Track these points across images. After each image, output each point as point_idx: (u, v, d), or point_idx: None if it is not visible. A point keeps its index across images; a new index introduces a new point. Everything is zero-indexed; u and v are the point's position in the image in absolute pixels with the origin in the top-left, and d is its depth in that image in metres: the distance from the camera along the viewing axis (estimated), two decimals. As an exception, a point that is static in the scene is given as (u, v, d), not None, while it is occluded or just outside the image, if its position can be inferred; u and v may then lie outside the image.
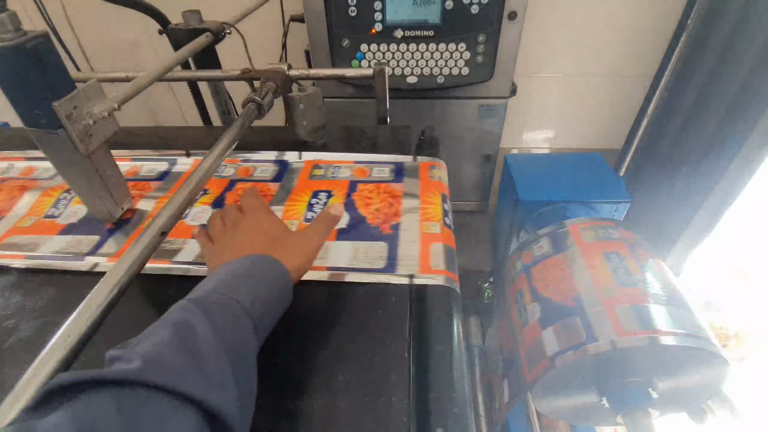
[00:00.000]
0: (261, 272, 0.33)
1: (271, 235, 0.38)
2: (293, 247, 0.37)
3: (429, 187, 0.57)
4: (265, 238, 0.38)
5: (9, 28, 0.37)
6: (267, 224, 0.39)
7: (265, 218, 0.40)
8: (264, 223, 0.39)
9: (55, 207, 0.56)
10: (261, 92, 0.59)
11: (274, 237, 0.38)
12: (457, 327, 0.40)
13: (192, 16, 0.69)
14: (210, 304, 0.28)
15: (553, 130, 1.41)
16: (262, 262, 0.34)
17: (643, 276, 0.62)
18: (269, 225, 0.39)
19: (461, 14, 0.84)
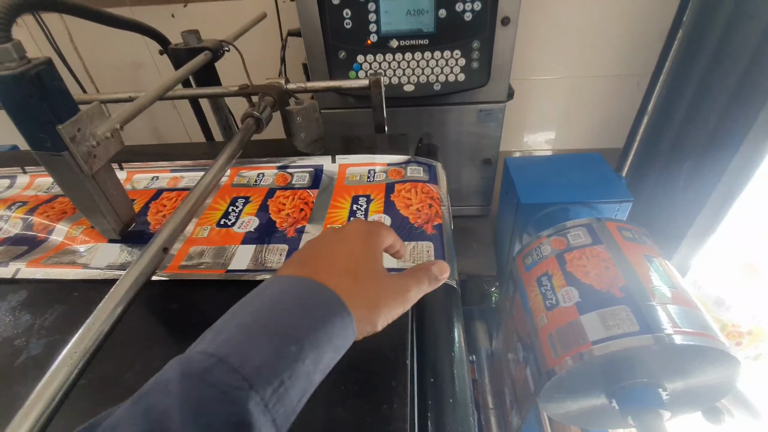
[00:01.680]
0: (307, 320, 0.23)
1: (363, 274, 0.27)
2: (376, 286, 0.27)
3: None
4: (356, 274, 0.27)
5: (13, 57, 0.38)
6: (367, 256, 0.29)
7: (365, 233, 0.30)
8: (357, 237, 0.30)
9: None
10: (259, 107, 0.60)
11: (354, 261, 0.28)
12: (458, 328, 0.40)
13: (190, 36, 0.71)
14: (206, 390, 0.19)
15: (554, 131, 1.41)
16: (313, 304, 0.24)
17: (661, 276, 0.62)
18: (369, 258, 0.29)
19: (455, 22, 0.85)
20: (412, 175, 0.61)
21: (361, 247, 0.29)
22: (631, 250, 0.66)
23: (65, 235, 0.55)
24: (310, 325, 0.23)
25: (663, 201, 1.06)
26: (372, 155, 0.65)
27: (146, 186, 0.64)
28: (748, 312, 1.08)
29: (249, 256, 0.49)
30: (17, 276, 0.48)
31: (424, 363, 0.37)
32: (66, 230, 0.55)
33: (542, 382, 0.62)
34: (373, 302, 0.27)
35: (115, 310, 0.32)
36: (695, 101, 0.98)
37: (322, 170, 0.64)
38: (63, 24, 1.10)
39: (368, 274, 0.27)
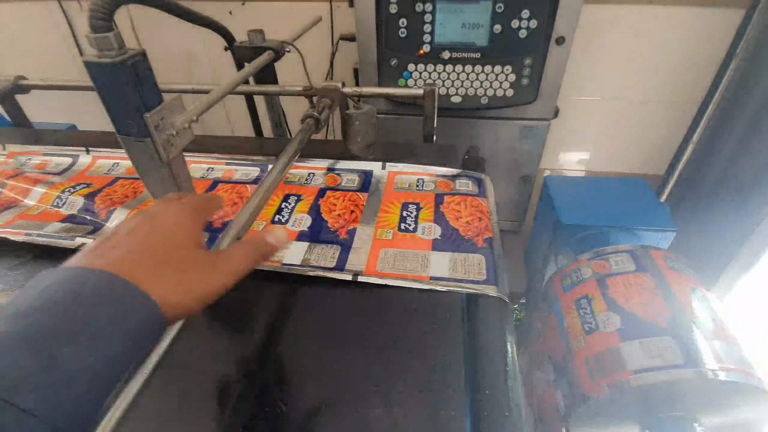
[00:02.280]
0: (85, 319, 0.20)
1: (159, 242, 0.25)
2: (186, 269, 0.25)
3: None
4: (145, 244, 0.25)
5: (114, 46, 0.41)
6: (169, 221, 0.27)
7: (175, 212, 0.27)
8: (167, 217, 0.27)
9: (59, 198, 0.61)
10: (318, 108, 0.62)
11: (163, 244, 0.25)
12: (510, 342, 0.41)
13: (256, 36, 0.73)
14: None
15: (591, 153, 1.39)
16: (96, 293, 0.21)
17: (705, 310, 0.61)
18: (171, 223, 0.26)
19: (509, 38, 0.85)
20: (461, 188, 0.62)
21: (171, 224, 0.26)
22: (676, 280, 0.65)
23: (127, 216, 0.57)
24: (89, 322, 0.20)
25: (704, 232, 1.04)
26: (421, 165, 0.66)
27: (203, 176, 0.67)
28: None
29: (302, 253, 0.50)
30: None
31: (478, 375, 0.37)
32: (127, 213, 0.58)
33: (575, 405, 0.62)
34: (184, 285, 0.24)
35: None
36: (747, 135, 0.96)
37: (372, 175, 0.66)
38: (127, 14, 1.16)
39: (178, 253, 0.25)
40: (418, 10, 0.85)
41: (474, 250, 0.50)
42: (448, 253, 0.50)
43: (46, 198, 0.61)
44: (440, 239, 0.52)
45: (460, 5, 0.84)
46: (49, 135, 0.84)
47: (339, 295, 0.45)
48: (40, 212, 0.59)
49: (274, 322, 0.43)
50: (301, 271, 0.48)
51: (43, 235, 0.52)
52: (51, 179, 0.65)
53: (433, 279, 0.46)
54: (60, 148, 0.74)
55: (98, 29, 0.40)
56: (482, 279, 0.46)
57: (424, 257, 0.49)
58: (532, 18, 0.83)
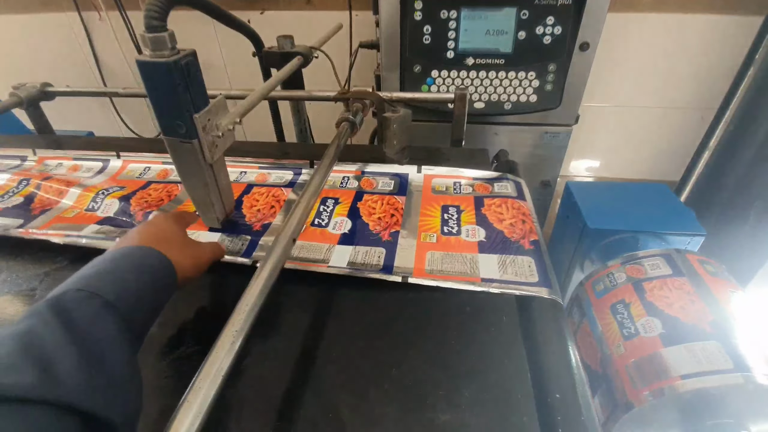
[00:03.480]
0: (132, 263, 0.34)
1: (161, 232, 0.39)
2: (183, 247, 0.39)
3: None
4: (154, 231, 0.39)
5: (168, 46, 0.40)
6: (165, 224, 0.41)
7: (167, 220, 0.42)
8: (163, 222, 0.41)
9: (94, 201, 0.60)
10: (353, 112, 0.62)
11: (165, 234, 0.39)
12: (571, 345, 0.40)
13: (285, 41, 0.74)
14: (65, 303, 0.27)
15: (608, 158, 1.40)
16: (135, 252, 0.35)
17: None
18: (167, 225, 0.41)
19: (533, 44, 0.86)
20: (500, 191, 0.61)
21: (171, 231, 0.40)
22: (717, 285, 0.64)
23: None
24: (139, 267, 0.34)
25: (728, 238, 1.04)
26: (456, 168, 0.66)
27: (236, 179, 0.66)
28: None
29: (347, 255, 0.50)
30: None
31: (544, 379, 0.36)
32: None
33: (617, 414, 0.60)
34: (184, 255, 0.38)
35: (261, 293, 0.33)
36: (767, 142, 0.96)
37: (407, 178, 0.65)
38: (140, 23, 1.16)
39: (177, 239, 0.40)
40: (443, 17, 0.86)
41: (522, 252, 0.49)
42: (495, 255, 0.49)
43: (82, 200, 0.60)
44: (486, 241, 0.51)
45: (484, 12, 0.85)
46: (73, 141, 0.84)
47: (389, 298, 0.44)
48: (76, 214, 0.58)
49: (326, 326, 0.42)
50: (350, 273, 0.47)
51: (83, 236, 0.51)
52: (85, 182, 0.65)
53: (484, 281, 0.45)
54: (90, 153, 0.73)
55: (153, 29, 0.40)
56: (534, 281, 0.46)
57: (471, 259, 0.49)
58: (557, 24, 0.84)
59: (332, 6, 1.10)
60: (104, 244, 0.50)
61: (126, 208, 0.58)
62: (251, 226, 0.55)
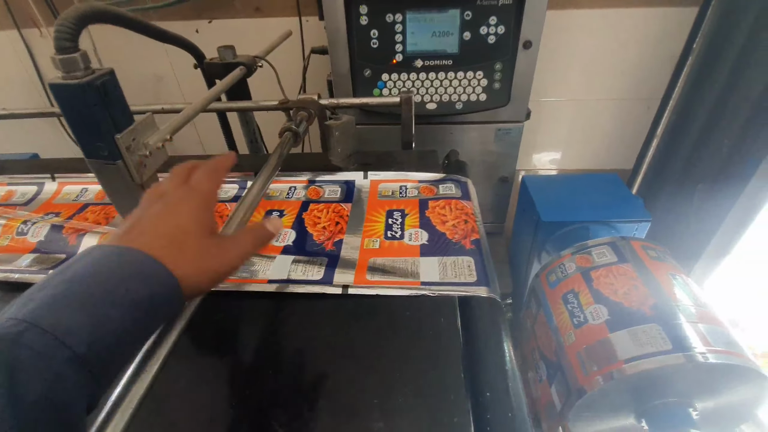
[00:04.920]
0: (126, 287, 0.24)
1: (177, 230, 0.28)
2: (202, 254, 0.28)
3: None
4: (167, 231, 0.28)
5: (80, 67, 0.39)
6: (184, 214, 0.29)
7: (189, 205, 0.30)
8: (183, 209, 0.30)
9: (24, 224, 0.58)
10: (296, 121, 0.62)
11: (181, 233, 0.28)
12: (506, 342, 0.41)
13: (227, 52, 0.73)
14: (19, 350, 0.19)
15: (564, 151, 1.44)
16: (133, 267, 0.25)
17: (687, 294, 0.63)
18: (186, 216, 0.29)
19: (478, 44, 0.87)
20: (445, 192, 0.62)
21: (186, 216, 0.29)
22: (658, 268, 0.67)
23: (98, 241, 0.55)
24: (128, 290, 0.24)
25: (675, 222, 1.08)
26: (403, 172, 0.66)
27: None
28: (764, 334, 1.09)
29: (287, 268, 0.49)
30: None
31: (477, 378, 0.37)
32: (98, 237, 0.55)
33: (572, 400, 0.62)
34: (200, 267, 0.28)
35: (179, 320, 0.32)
36: (708, 126, 1.01)
37: (354, 185, 0.65)
38: (89, 37, 1.12)
39: (194, 241, 0.28)
40: (389, 20, 0.86)
41: (462, 253, 0.50)
42: (436, 258, 0.50)
43: (9, 228, 0.58)
44: (428, 244, 0.52)
45: (429, 14, 0.86)
46: (12, 164, 0.80)
47: (330, 309, 0.44)
48: (7, 244, 0.56)
49: (264, 342, 0.41)
50: (291, 289, 0.46)
51: (15, 271, 0.49)
52: (17, 212, 0.62)
53: (423, 284, 0.46)
54: (25, 176, 0.70)
55: (64, 50, 0.39)
56: (473, 281, 0.46)
57: (413, 263, 0.49)
58: (500, 24, 0.86)
59: (282, 13, 1.09)
60: (37, 279, 0.48)
61: (57, 233, 0.56)
62: None
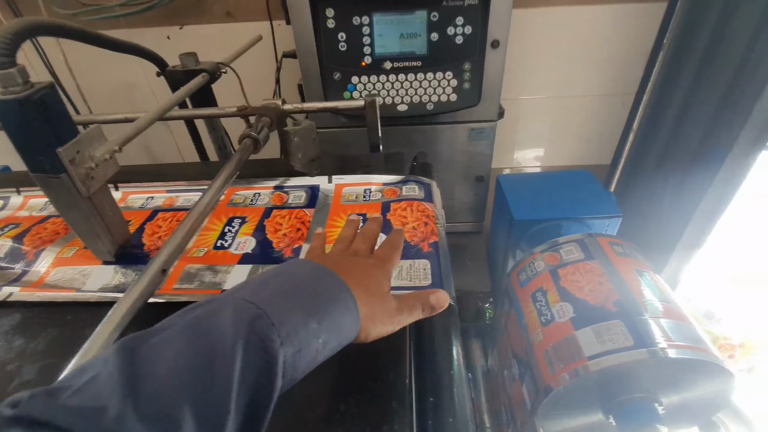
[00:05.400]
0: (329, 313, 0.27)
1: (371, 282, 0.33)
2: (381, 312, 0.32)
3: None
4: (362, 279, 0.32)
5: (18, 81, 0.39)
6: (377, 274, 0.34)
7: (381, 269, 0.35)
8: (379, 275, 0.34)
9: None
10: (256, 128, 0.61)
11: (374, 291, 0.33)
12: (456, 346, 0.41)
13: (188, 59, 0.72)
14: (250, 335, 0.23)
15: (544, 148, 1.44)
16: (338, 294, 0.29)
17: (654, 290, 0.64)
18: (378, 276, 0.34)
19: (446, 45, 0.87)
20: (408, 193, 0.62)
21: (376, 268, 0.35)
22: (623, 264, 0.67)
23: (55, 256, 0.54)
24: (331, 313, 0.27)
25: (651, 215, 1.09)
26: (368, 175, 0.66)
27: (142, 206, 0.64)
28: (739, 325, 1.10)
29: (245, 275, 0.49)
30: (10, 299, 0.47)
31: (424, 382, 0.37)
32: (56, 252, 0.55)
33: (539, 399, 0.62)
34: (374, 317, 0.31)
35: (112, 334, 0.32)
36: (679, 120, 1.02)
37: (319, 190, 0.65)
38: (58, 46, 1.11)
39: (377, 292, 0.32)
40: (356, 23, 0.86)
41: (419, 256, 0.50)
42: None
43: None
44: None
45: (396, 16, 0.86)
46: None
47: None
48: None
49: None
50: None
51: None
52: None
53: None
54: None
55: (1, 66, 0.38)
56: (427, 284, 0.46)
57: None
58: (467, 24, 0.86)
59: (253, 17, 1.08)
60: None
61: (17, 248, 0.55)
62: (150, 255, 0.54)
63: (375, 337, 0.32)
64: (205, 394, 0.21)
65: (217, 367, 0.21)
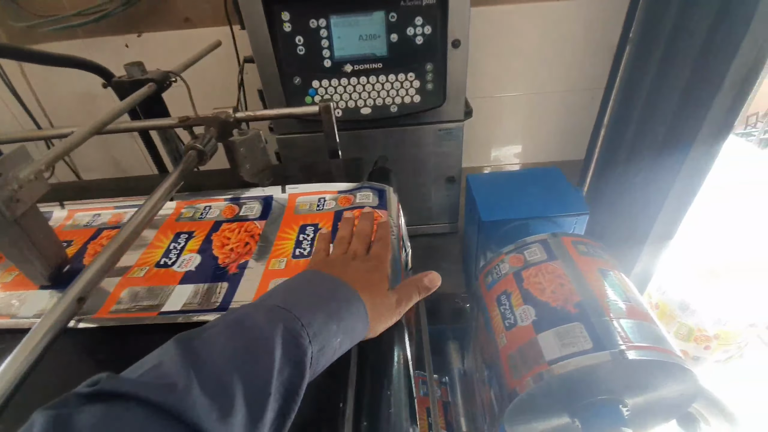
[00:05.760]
0: (345, 318, 0.32)
1: (374, 287, 0.38)
2: (384, 310, 0.37)
3: None
4: (366, 285, 0.37)
5: None
6: (377, 277, 0.39)
7: (380, 271, 0.40)
8: (380, 277, 0.39)
9: None
10: (203, 139, 0.59)
11: (377, 293, 0.37)
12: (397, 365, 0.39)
13: (134, 69, 0.70)
14: (280, 334, 0.27)
15: (520, 145, 1.44)
16: (351, 303, 0.34)
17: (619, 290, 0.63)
18: (379, 279, 0.39)
19: (407, 45, 0.86)
20: (361, 201, 0.60)
21: (376, 271, 0.39)
22: (586, 264, 0.66)
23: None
24: (347, 318, 0.32)
25: (623, 209, 1.09)
26: (322, 183, 0.64)
27: (87, 224, 0.62)
28: (714, 316, 1.10)
29: (186, 297, 0.47)
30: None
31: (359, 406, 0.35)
32: None
33: (505, 403, 0.61)
34: (380, 316, 0.36)
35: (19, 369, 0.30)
36: (645, 114, 1.02)
37: (272, 200, 0.63)
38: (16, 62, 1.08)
39: (379, 293, 0.37)
40: (313, 26, 0.84)
41: None
42: None
43: None
44: None
45: (354, 18, 0.84)
46: None
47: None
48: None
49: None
50: (183, 319, 0.44)
51: None
52: None
53: None
54: None
55: None
56: None
57: None
58: (426, 24, 0.84)
59: (212, 22, 1.05)
60: None
61: None
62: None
63: (381, 330, 0.37)
64: (252, 375, 0.25)
65: (260, 354, 0.26)
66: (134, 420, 0.21)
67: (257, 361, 0.25)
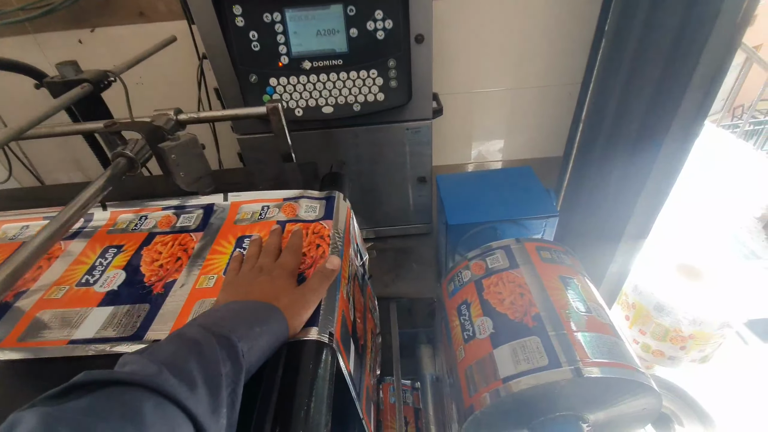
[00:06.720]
0: (264, 323, 0.37)
1: (281, 291, 0.42)
2: (297, 306, 0.41)
3: None
4: (274, 292, 0.42)
5: None
6: (282, 283, 0.43)
7: (283, 277, 0.44)
8: (286, 281, 0.44)
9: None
10: (133, 145, 0.55)
11: (285, 295, 0.42)
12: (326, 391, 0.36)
13: (66, 68, 0.65)
14: (219, 338, 0.33)
15: (500, 141, 1.40)
16: (266, 311, 0.39)
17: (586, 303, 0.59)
18: (284, 284, 0.43)
19: (367, 41, 0.81)
20: (307, 211, 0.56)
21: (281, 278, 0.44)
22: (547, 272, 0.63)
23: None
24: (266, 322, 0.37)
25: (600, 206, 1.06)
26: (267, 191, 0.60)
27: (14, 237, 0.58)
28: (689, 316, 1.08)
29: (101, 322, 0.43)
30: None
31: None
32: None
33: (461, 420, 0.59)
34: (296, 313, 0.40)
35: None
36: (619, 109, 0.98)
37: (212, 209, 0.59)
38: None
39: (289, 293, 0.42)
40: (267, 20, 0.79)
41: None
42: None
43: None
44: None
45: (310, 11, 0.79)
46: None
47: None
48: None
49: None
50: (94, 351, 0.40)
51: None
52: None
53: None
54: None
55: None
56: None
57: None
58: (387, 18, 0.80)
59: (168, 17, 1.00)
60: None
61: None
62: (3, 300, 0.47)
63: (302, 324, 0.41)
64: (205, 362, 0.31)
65: (205, 348, 0.32)
66: (121, 395, 0.26)
67: (204, 354, 0.31)
